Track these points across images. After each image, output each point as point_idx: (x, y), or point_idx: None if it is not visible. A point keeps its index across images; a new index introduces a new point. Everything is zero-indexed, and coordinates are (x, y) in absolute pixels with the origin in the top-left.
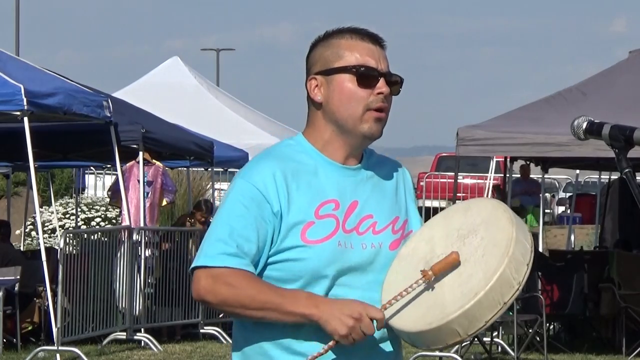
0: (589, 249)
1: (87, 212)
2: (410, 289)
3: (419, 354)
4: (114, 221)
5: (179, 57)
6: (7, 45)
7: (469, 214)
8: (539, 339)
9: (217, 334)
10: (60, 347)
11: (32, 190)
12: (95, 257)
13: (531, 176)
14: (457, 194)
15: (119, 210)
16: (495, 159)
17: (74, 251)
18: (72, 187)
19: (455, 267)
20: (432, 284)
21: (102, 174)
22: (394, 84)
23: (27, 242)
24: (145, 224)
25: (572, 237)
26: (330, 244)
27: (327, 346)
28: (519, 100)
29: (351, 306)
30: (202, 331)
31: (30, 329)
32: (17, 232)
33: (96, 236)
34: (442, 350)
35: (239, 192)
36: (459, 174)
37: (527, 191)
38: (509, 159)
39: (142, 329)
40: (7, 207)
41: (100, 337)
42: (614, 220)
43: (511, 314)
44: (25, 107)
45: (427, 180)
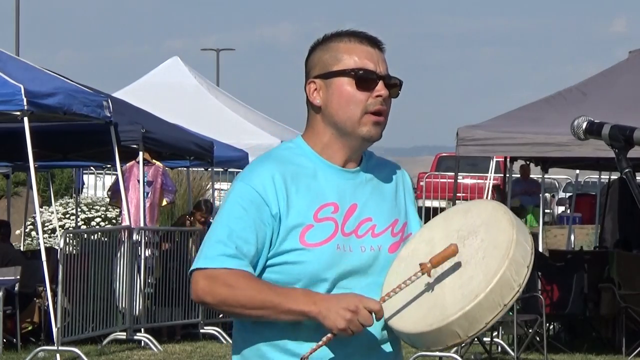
0: (589, 249)
1: (87, 212)
2: (409, 281)
3: (419, 354)
4: (114, 221)
5: (179, 57)
6: (7, 45)
7: (469, 216)
8: (539, 339)
9: (217, 334)
10: (60, 347)
11: (32, 190)
12: (95, 257)
13: (531, 176)
14: (457, 194)
15: (119, 210)
16: (495, 159)
17: (74, 251)
18: (72, 187)
19: (454, 260)
20: (432, 284)
21: (102, 174)
22: (393, 86)
23: (27, 242)
24: (145, 224)
25: (572, 237)
26: (329, 247)
27: (325, 338)
28: (519, 100)
29: (348, 299)
30: (202, 331)
31: (30, 329)
32: (17, 232)
33: (96, 236)
34: (442, 351)
35: (238, 195)
36: (459, 174)
37: (527, 191)
38: (509, 159)
39: (142, 329)
40: (7, 207)
41: (100, 337)
42: (614, 220)
43: (511, 314)
44: (25, 107)
45: (427, 180)
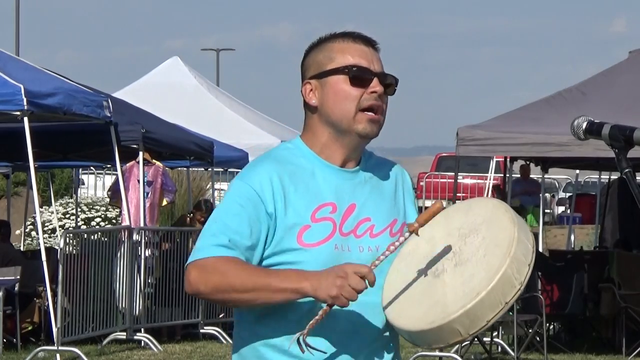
0: (589, 249)
1: (87, 212)
2: (397, 242)
3: (419, 354)
4: (114, 221)
5: (179, 57)
6: (7, 45)
7: (470, 214)
8: (539, 339)
9: (217, 334)
10: (60, 347)
11: (32, 190)
12: (95, 257)
13: (531, 176)
14: (457, 194)
15: (119, 210)
16: (495, 159)
17: (74, 251)
18: (72, 187)
19: (453, 257)
20: (433, 282)
21: (102, 174)
22: (389, 85)
23: (27, 242)
24: (145, 224)
25: (572, 237)
26: (326, 247)
27: (321, 312)
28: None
29: (337, 267)
30: (202, 331)
31: (30, 329)
32: (17, 232)
33: (96, 236)
34: (442, 349)
35: (235, 192)
36: (459, 174)
37: (527, 191)
38: (509, 159)
39: (142, 329)
40: (7, 207)
41: (100, 337)
42: (614, 220)
43: (511, 314)
44: (25, 107)
45: (427, 180)
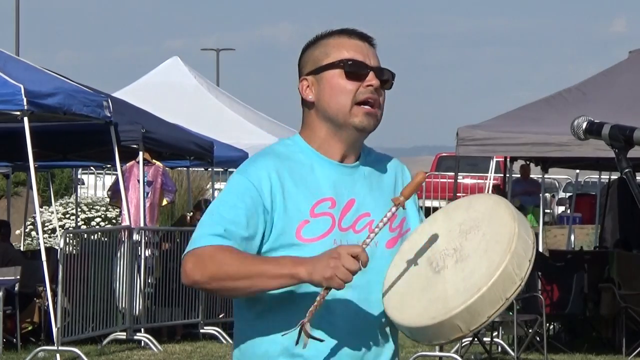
0: (589, 249)
1: (87, 212)
2: (385, 218)
3: (419, 354)
4: (114, 221)
5: (179, 57)
6: (7, 45)
7: (471, 210)
8: (539, 339)
9: (217, 334)
10: (60, 347)
11: (32, 190)
12: (95, 257)
13: (531, 176)
14: (457, 194)
15: (119, 210)
16: (495, 159)
17: (74, 251)
18: (72, 187)
19: (455, 254)
20: (434, 278)
21: (102, 174)
22: (385, 80)
23: (27, 242)
24: (145, 224)
25: (572, 237)
26: (325, 242)
27: (319, 296)
28: (519, 100)
29: (331, 250)
30: (202, 331)
31: (30, 329)
32: (17, 232)
33: (96, 236)
34: (442, 349)
35: (233, 185)
36: (459, 174)
37: (527, 191)
38: (509, 159)
39: (142, 329)
40: (7, 207)
41: (100, 337)
42: (614, 220)
43: (511, 314)
44: (25, 107)
45: (427, 180)
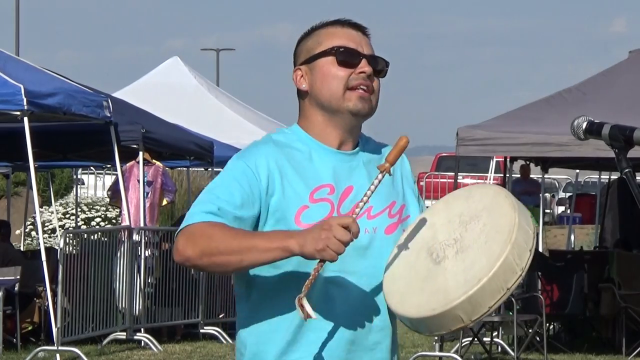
0: (589, 249)
1: (87, 212)
2: (372, 187)
3: (419, 354)
4: (114, 221)
5: (179, 57)
6: (7, 45)
7: (471, 200)
8: (539, 339)
9: (217, 334)
10: (60, 347)
11: (32, 190)
12: (95, 257)
13: (531, 176)
14: None
15: (119, 210)
16: (495, 159)
17: (74, 251)
18: (72, 187)
19: (455, 244)
20: (434, 269)
21: (102, 174)
22: (379, 69)
23: (27, 242)
24: (145, 224)
25: (572, 237)
26: None
27: (314, 270)
28: (519, 100)
29: (321, 221)
30: (202, 331)
31: (30, 329)
32: (17, 232)
33: (96, 236)
34: (442, 344)
35: (230, 168)
36: (459, 174)
37: (527, 191)
38: (509, 159)
39: (142, 329)
40: (7, 207)
41: (100, 337)
42: (614, 220)
43: (511, 314)
44: (25, 107)
45: (427, 180)
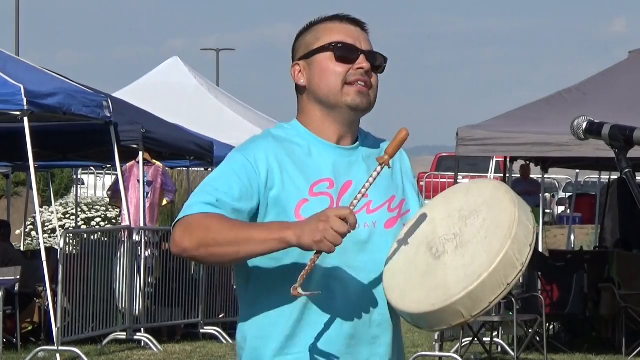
0: (589, 249)
1: (87, 212)
2: (371, 179)
3: (419, 354)
4: (114, 221)
5: (179, 57)
6: (7, 45)
7: (470, 195)
8: (539, 339)
9: (217, 334)
10: (60, 347)
11: (32, 190)
12: (95, 257)
13: (531, 176)
14: None
15: (119, 210)
16: (495, 159)
17: (74, 251)
18: (72, 187)
19: (456, 240)
20: (434, 265)
21: (102, 174)
22: (378, 65)
23: (27, 242)
24: (145, 224)
25: (572, 237)
26: None
27: (310, 260)
28: (519, 100)
29: (319, 213)
30: (202, 331)
31: (30, 329)
32: (17, 232)
33: (96, 236)
34: (443, 337)
35: (230, 161)
36: (459, 174)
37: (527, 191)
38: (509, 159)
39: (142, 329)
40: (7, 207)
41: (100, 337)
42: (614, 220)
43: (511, 314)
44: (25, 107)
45: (427, 180)
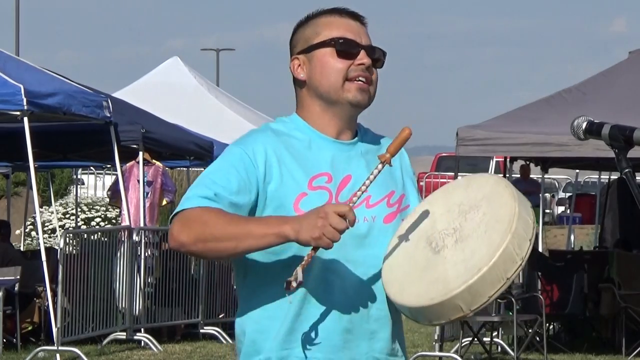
0: (589, 249)
1: (87, 212)
2: (372, 176)
3: (419, 354)
4: (114, 221)
5: (179, 57)
6: (7, 45)
7: (470, 190)
8: (539, 339)
9: (217, 334)
10: (60, 347)
11: (32, 190)
12: (95, 257)
13: (531, 176)
14: None
15: (119, 210)
16: (495, 159)
17: (74, 251)
18: (72, 187)
19: (455, 234)
20: (434, 259)
21: (102, 174)
22: (377, 59)
23: (27, 242)
24: (145, 224)
25: (572, 237)
26: None
27: (307, 255)
28: (519, 100)
29: (317, 208)
30: (202, 331)
31: (30, 329)
32: (17, 232)
33: (96, 236)
34: (442, 348)
35: (228, 154)
36: (459, 174)
37: (527, 191)
38: (509, 159)
39: (142, 329)
40: (7, 207)
41: (100, 337)
42: (614, 220)
43: (511, 314)
44: (25, 107)
45: (427, 180)
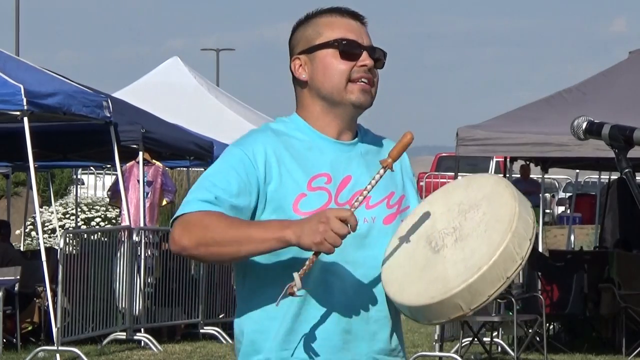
0: (589, 249)
1: (87, 212)
2: (373, 181)
3: (419, 354)
4: (114, 221)
5: (179, 57)
6: (7, 45)
7: (470, 189)
8: (539, 339)
9: (217, 334)
10: (60, 347)
11: (32, 190)
12: (95, 257)
13: (531, 176)
14: None
15: (119, 210)
16: (495, 159)
17: (74, 251)
18: (72, 187)
19: (455, 234)
20: (434, 258)
21: (102, 174)
22: (377, 60)
23: (27, 242)
24: (145, 224)
25: (572, 237)
26: None
27: (309, 260)
28: (519, 100)
29: (318, 213)
30: (202, 331)
31: (30, 329)
32: (17, 232)
33: (96, 236)
34: (442, 348)
35: (227, 156)
36: (459, 174)
37: (527, 191)
38: (509, 159)
39: (142, 329)
40: (7, 207)
41: (100, 337)
42: (614, 220)
43: (511, 314)
44: (25, 107)
45: (427, 180)
